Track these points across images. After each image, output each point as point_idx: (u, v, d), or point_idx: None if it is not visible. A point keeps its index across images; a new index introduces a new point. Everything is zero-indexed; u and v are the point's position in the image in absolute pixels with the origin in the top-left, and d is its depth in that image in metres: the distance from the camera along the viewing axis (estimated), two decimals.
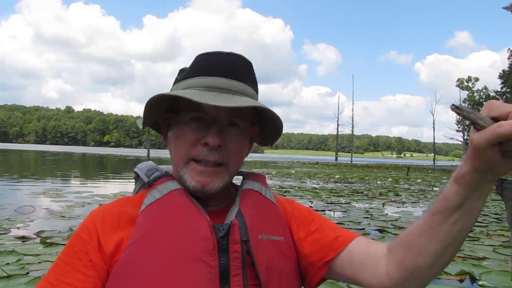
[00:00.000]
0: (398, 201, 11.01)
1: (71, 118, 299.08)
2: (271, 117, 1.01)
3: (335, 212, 8.58)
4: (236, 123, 1.00)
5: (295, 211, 1.11)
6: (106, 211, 0.99)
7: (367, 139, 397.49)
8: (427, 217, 0.88)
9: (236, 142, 1.00)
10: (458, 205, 0.82)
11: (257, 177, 1.13)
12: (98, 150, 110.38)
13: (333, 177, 21.20)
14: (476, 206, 0.83)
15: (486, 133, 0.72)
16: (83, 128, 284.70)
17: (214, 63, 0.99)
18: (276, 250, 0.99)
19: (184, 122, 0.99)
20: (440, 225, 0.85)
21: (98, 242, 0.92)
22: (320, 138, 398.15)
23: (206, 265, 0.89)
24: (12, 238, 5.26)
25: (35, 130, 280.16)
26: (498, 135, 0.70)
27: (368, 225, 7.00)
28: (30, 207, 7.63)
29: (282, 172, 25.78)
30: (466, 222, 0.84)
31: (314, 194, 12.08)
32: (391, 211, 8.92)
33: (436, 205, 0.86)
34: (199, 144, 0.97)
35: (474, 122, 0.74)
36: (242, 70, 1.00)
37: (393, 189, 14.78)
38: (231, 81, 0.97)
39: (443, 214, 0.85)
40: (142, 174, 1.09)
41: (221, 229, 0.94)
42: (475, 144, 0.74)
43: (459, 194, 0.82)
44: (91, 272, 0.90)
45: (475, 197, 0.82)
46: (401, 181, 19.90)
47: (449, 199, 0.83)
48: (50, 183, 13.37)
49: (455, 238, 0.86)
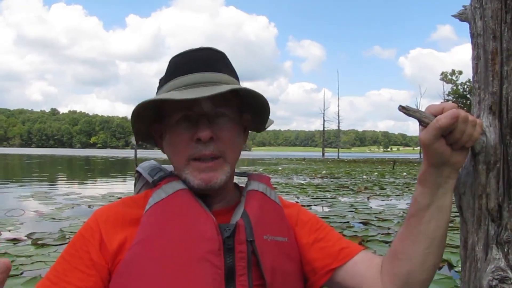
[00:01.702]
0: (383, 194, 11.13)
1: (56, 120, 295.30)
2: (255, 98, 1.00)
3: (322, 207, 8.68)
4: (222, 112, 0.99)
5: (303, 216, 1.12)
6: (110, 210, 1.00)
7: (354, 134, 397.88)
8: (406, 223, 0.94)
9: (227, 131, 1.00)
10: (427, 205, 0.89)
11: (262, 178, 1.13)
12: (84, 152, 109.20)
13: (320, 173, 21.25)
14: (444, 203, 0.89)
15: (429, 129, 0.82)
16: (69, 130, 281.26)
17: (187, 62, 1.00)
18: (280, 251, 1.00)
19: (173, 125, 0.99)
20: (416, 227, 0.91)
21: (101, 241, 0.93)
22: (307, 134, 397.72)
23: (211, 265, 0.89)
24: (3, 241, 5.33)
25: (20, 134, 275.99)
26: (438, 128, 0.81)
27: (353, 218, 7.11)
28: (19, 210, 7.69)
29: (269, 169, 25.76)
30: (439, 219, 0.90)
31: (300, 190, 12.14)
32: (376, 205, 9.05)
33: (410, 209, 0.93)
34: (192, 142, 0.97)
35: (420, 120, 0.83)
36: (216, 61, 1.01)
37: (378, 183, 14.87)
38: (207, 73, 0.98)
39: (417, 216, 0.91)
40: (145, 174, 1.10)
41: (227, 229, 0.94)
42: (423, 140, 0.84)
43: (425, 194, 0.89)
44: (92, 271, 0.90)
45: (440, 194, 0.89)
46: (386, 175, 19.99)
47: (418, 201, 0.90)
48: (38, 186, 13.30)
49: (433, 237, 0.91)
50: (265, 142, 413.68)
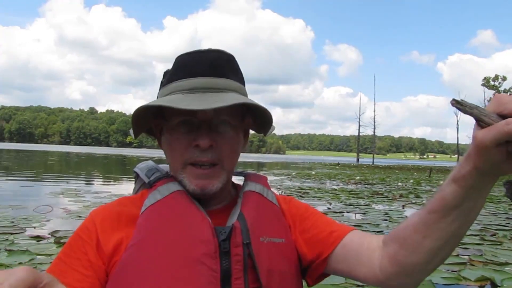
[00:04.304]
0: (419, 203, 10.78)
1: (94, 119, 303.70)
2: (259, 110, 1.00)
3: (355, 214, 8.43)
4: (224, 120, 0.99)
5: (292, 208, 1.10)
6: (106, 211, 1.00)
7: (389, 140, 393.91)
8: (423, 215, 0.85)
9: (228, 140, 1.00)
10: (456, 205, 0.79)
11: (258, 178, 1.13)
12: (120, 151, 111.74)
13: (354, 178, 20.97)
14: (474, 207, 0.80)
15: (492, 131, 0.67)
16: (106, 129, 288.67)
17: (194, 64, 0.98)
18: (277, 252, 0.98)
19: (173, 127, 0.99)
20: (436, 224, 0.83)
21: (97, 242, 0.93)
22: (342, 139, 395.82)
23: (207, 268, 0.89)
24: (27, 238, 5.28)
25: (60, 131, 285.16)
26: (505, 133, 0.65)
27: (387, 227, 6.84)
28: (47, 206, 7.69)
29: (303, 173, 25.62)
30: (463, 222, 0.82)
31: (333, 195, 11.93)
32: (411, 213, 8.70)
33: (432, 204, 0.83)
34: (190, 147, 0.97)
35: (478, 119, 0.70)
36: (223, 65, 0.99)
37: (414, 191, 14.53)
38: (213, 79, 0.97)
39: (440, 213, 0.82)
40: (142, 174, 1.10)
41: (223, 232, 0.93)
42: (479, 142, 0.70)
43: (457, 194, 0.78)
44: (89, 272, 0.90)
45: (474, 198, 0.79)
46: (422, 183, 19.57)
47: (447, 199, 0.80)
48: (70, 183, 13.51)
49: (451, 238, 0.84)
50: (299, 146, 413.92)
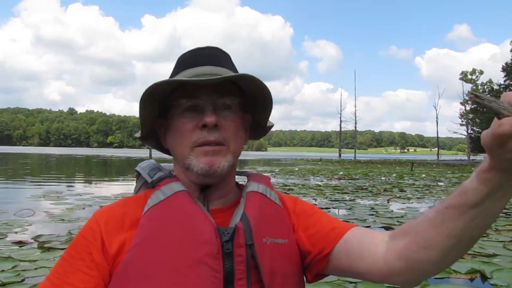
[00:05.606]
0: (403, 197, 10.85)
1: (74, 120, 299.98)
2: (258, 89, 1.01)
3: (340, 210, 8.42)
4: (228, 104, 1.00)
5: (297, 207, 1.10)
6: (110, 211, 0.99)
7: (370, 135, 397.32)
8: (440, 210, 0.81)
9: (231, 121, 1.00)
10: (476, 203, 0.75)
11: (262, 178, 1.12)
12: (101, 152, 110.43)
13: (337, 174, 21.03)
14: (498, 205, 0.76)
15: (489, 133, 0.66)
16: (86, 129, 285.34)
17: (195, 57, 1.04)
18: (280, 253, 0.98)
19: (179, 114, 1.00)
20: (452, 221, 0.79)
21: (102, 242, 0.93)
22: (323, 134, 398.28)
23: (210, 269, 0.89)
24: (8, 243, 5.11)
25: (39, 133, 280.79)
26: (500, 135, 0.64)
27: (374, 222, 6.86)
28: (29, 210, 7.50)
29: (286, 169, 25.62)
30: (482, 222, 0.77)
31: (318, 191, 11.92)
32: (397, 208, 8.77)
33: (452, 198, 0.79)
34: (197, 129, 0.97)
35: (497, 112, 0.66)
36: (221, 58, 1.06)
37: (397, 185, 14.62)
38: (214, 67, 1.01)
39: (458, 210, 0.78)
40: (144, 174, 1.08)
41: (226, 232, 0.93)
42: (483, 143, 0.68)
43: (480, 192, 0.74)
44: (94, 273, 0.90)
45: (497, 197, 0.74)
46: (405, 177, 19.72)
47: (468, 195, 0.76)
48: (51, 185, 13.24)
49: (467, 238, 0.80)
50: (281, 142, 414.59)
